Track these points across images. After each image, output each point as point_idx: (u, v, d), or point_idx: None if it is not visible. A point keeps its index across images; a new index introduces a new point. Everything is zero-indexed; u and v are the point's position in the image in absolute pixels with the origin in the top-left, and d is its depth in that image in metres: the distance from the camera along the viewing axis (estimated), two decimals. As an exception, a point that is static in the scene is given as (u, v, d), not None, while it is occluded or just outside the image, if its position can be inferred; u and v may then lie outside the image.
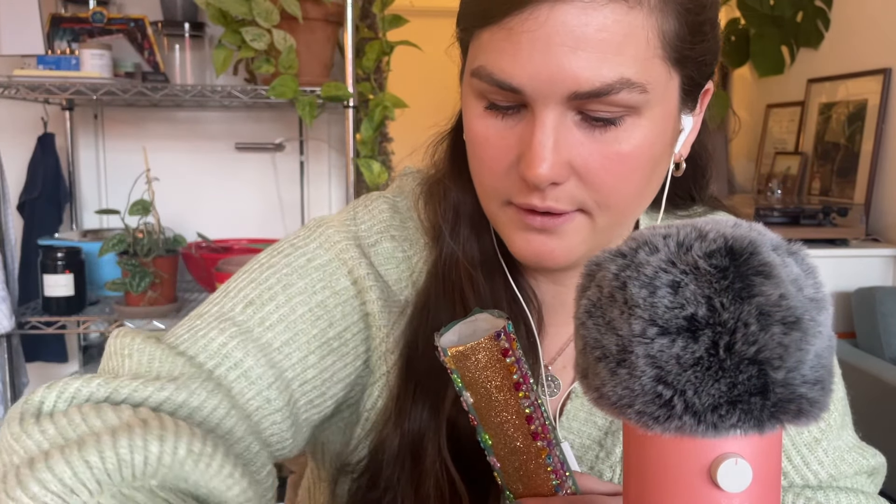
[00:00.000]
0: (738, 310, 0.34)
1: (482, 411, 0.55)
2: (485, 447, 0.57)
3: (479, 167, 0.60)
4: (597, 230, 0.59)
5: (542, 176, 0.54)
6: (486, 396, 0.54)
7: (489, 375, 0.54)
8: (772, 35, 2.85)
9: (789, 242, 0.38)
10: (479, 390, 0.54)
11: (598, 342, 0.37)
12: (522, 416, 0.55)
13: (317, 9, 1.78)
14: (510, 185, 0.57)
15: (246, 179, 2.21)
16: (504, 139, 0.57)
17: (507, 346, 0.53)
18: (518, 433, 0.55)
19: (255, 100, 1.80)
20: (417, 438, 0.63)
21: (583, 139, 0.55)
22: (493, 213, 0.61)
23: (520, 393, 0.55)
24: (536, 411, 0.56)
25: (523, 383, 0.55)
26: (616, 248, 0.38)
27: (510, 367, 0.54)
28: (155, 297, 1.81)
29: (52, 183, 2.07)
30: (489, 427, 0.56)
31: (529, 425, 0.55)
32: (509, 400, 0.54)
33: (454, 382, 0.54)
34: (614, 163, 0.55)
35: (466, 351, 0.53)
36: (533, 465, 0.56)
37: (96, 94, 1.80)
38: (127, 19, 1.97)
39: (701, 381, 0.34)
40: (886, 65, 2.37)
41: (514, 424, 0.55)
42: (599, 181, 0.56)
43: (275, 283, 0.65)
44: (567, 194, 0.56)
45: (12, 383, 1.84)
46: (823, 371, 0.36)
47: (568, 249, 0.58)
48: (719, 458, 0.35)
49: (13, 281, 1.85)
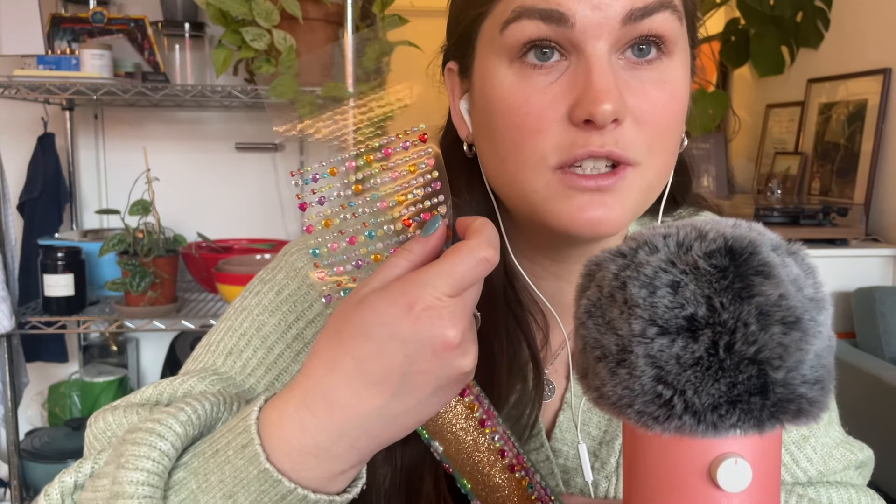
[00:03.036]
0: (737, 310, 0.34)
1: (454, 457, 0.54)
2: (465, 492, 0.56)
3: (516, 134, 0.55)
4: (644, 188, 0.57)
5: (608, 111, 0.51)
6: (455, 441, 0.53)
7: (451, 419, 0.53)
8: (772, 35, 2.85)
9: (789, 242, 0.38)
10: (446, 437, 0.53)
11: (597, 342, 0.37)
12: (495, 452, 0.54)
13: (317, 9, 1.78)
14: (559, 142, 0.54)
15: (246, 179, 2.21)
16: (547, 94, 0.54)
17: (467, 387, 0.53)
18: (494, 470, 0.54)
19: (254, 100, 1.80)
20: (412, 473, 0.60)
21: (631, 81, 0.54)
22: (533, 187, 0.56)
23: (486, 429, 0.54)
24: (507, 443, 0.55)
25: (487, 419, 0.54)
26: (616, 248, 0.39)
27: (471, 406, 0.53)
28: (155, 297, 1.81)
29: (53, 183, 2.07)
30: (464, 471, 0.54)
31: (503, 459, 0.54)
32: (478, 439, 0.54)
33: (420, 434, 0.53)
34: (663, 100, 0.55)
35: None
36: (517, 498, 0.55)
37: (96, 94, 1.80)
38: (127, 19, 1.97)
39: (701, 381, 0.34)
40: (886, 65, 2.37)
41: (488, 462, 0.54)
42: (654, 121, 0.55)
43: (248, 327, 0.65)
44: (625, 139, 0.54)
45: (12, 383, 1.84)
46: (823, 371, 0.36)
47: (620, 212, 0.55)
48: (719, 458, 0.35)
49: (13, 281, 1.85)
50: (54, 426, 2.13)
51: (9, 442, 1.89)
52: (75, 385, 2.13)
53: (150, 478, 0.47)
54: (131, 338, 2.25)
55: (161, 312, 1.83)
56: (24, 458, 1.94)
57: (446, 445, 0.53)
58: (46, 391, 2.18)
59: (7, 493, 1.96)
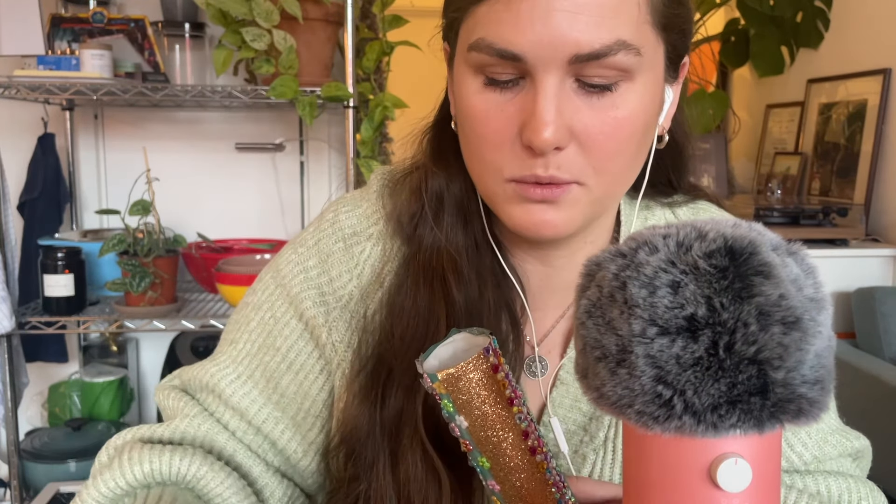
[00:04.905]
0: (737, 310, 0.34)
1: (477, 433, 0.53)
2: (481, 472, 0.55)
3: (478, 144, 0.60)
4: (592, 201, 0.60)
5: (547, 140, 0.55)
6: (482, 417, 0.52)
7: (483, 395, 0.52)
8: (772, 35, 2.85)
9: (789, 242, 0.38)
10: (472, 412, 0.52)
11: (597, 342, 0.37)
12: (519, 432, 0.54)
13: (317, 9, 1.78)
14: (512, 159, 0.58)
15: (246, 179, 2.20)
16: (504, 112, 0.58)
17: (496, 361, 0.52)
18: (516, 450, 0.54)
19: (255, 100, 1.80)
20: (394, 422, 0.64)
21: (581, 105, 0.57)
22: (492, 190, 0.61)
23: (514, 408, 0.53)
24: (531, 425, 0.54)
25: (515, 398, 0.53)
26: (616, 247, 0.39)
27: (502, 383, 0.52)
28: (155, 297, 1.81)
29: (53, 183, 2.07)
30: (485, 449, 0.54)
31: (526, 440, 0.54)
32: (505, 417, 0.53)
33: (444, 408, 0.53)
34: (611, 127, 0.57)
35: (458, 372, 0.51)
36: (534, 481, 0.55)
37: (96, 95, 1.80)
38: (127, 20, 1.97)
39: (701, 381, 0.34)
40: (886, 65, 2.37)
41: (511, 442, 0.54)
42: (598, 146, 0.57)
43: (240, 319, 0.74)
44: (568, 162, 0.57)
45: (12, 383, 1.84)
46: (823, 371, 0.36)
47: (567, 220, 0.60)
48: (719, 458, 0.35)
49: (13, 281, 1.85)
50: (54, 426, 2.13)
51: (9, 442, 1.89)
52: (75, 385, 2.13)
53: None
54: (131, 338, 2.25)
55: (161, 312, 1.83)
56: (24, 458, 1.94)
57: (471, 421, 0.52)
58: (46, 391, 2.18)
59: (7, 493, 1.96)
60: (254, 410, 0.69)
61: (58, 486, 1.87)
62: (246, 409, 0.69)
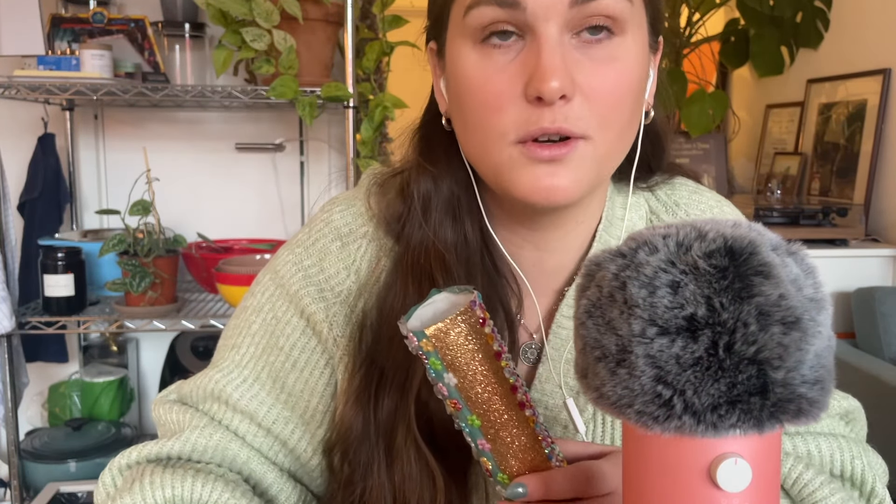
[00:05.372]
0: (737, 310, 0.34)
1: (466, 390, 0.52)
2: (470, 431, 0.54)
3: (481, 110, 0.60)
4: (597, 160, 0.61)
5: (555, 88, 0.56)
6: (471, 373, 0.52)
7: (471, 349, 0.51)
8: (771, 35, 2.85)
9: (789, 242, 0.38)
10: (461, 368, 0.51)
11: (597, 342, 0.37)
12: (508, 387, 0.53)
13: (317, 9, 1.78)
14: (517, 117, 0.59)
15: (246, 179, 2.20)
16: (505, 72, 0.59)
17: (482, 315, 0.51)
18: (506, 405, 0.53)
19: (255, 100, 1.80)
20: (388, 422, 0.65)
21: (581, 59, 0.58)
22: (498, 159, 0.61)
23: (502, 362, 0.52)
24: (518, 380, 0.53)
25: (503, 352, 0.52)
26: (616, 248, 0.39)
27: (489, 337, 0.52)
28: (155, 297, 1.81)
29: (53, 183, 2.07)
30: (475, 406, 0.53)
31: (515, 395, 0.53)
32: (494, 372, 0.52)
33: (431, 367, 0.52)
34: (612, 76, 0.59)
35: (445, 328, 0.50)
36: (525, 436, 0.54)
37: (97, 95, 1.80)
38: (127, 20, 1.97)
39: (700, 381, 0.34)
40: (886, 65, 2.37)
41: (501, 397, 0.53)
42: (601, 96, 0.59)
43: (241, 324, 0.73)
44: (574, 114, 0.58)
45: (12, 383, 1.84)
46: (823, 371, 0.36)
47: (575, 181, 0.60)
48: (719, 458, 0.35)
49: (13, 281, 1.85)
50: (54, 426, 2.13)
51: (9, 442, 1.89)
52: (75, 385, 2.13)
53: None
54: (131, 338, 2.25)
55: (161, 312, 1.83)
56: (24, 458, 1.94)
57: (460, 377, 0.52)
58: (46, 391, 2.18)
59: (7, 493, 1.96)
60: (263, 412, 0.69)
61: (58, 486, 1.87)
62: (255, 411, 0.69)
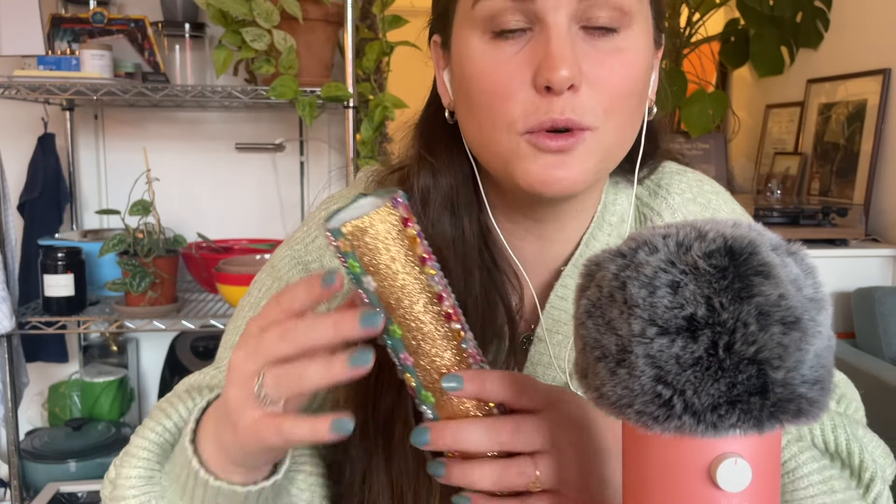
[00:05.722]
0: (737, 310, 0.34)
1: (386, 296, 0.48)
2: (392, 344, 0.51)
3: (489, 101, 0.60)
4: (604, 151, 0.61)
5: (564, 77, 0.56)
6: (391, 276, 0.48)
7: (392, 250, 0.48)
8: (771, 35, 2.85)
9: (789, 242, 0.38)
10: (381, 270, 0.48)
11: (597, 342, 0.37)
12: (433, 294, 0.49)
13: (317, 9, 1.78)
14: (526, 107, 0.59)
15: (246, 179, 2.20)
16: (513, 61, 0.59)
17: (405, 214, 0.48)
18: (430, 315, 0.49)
19: (255, 100, 1.80)
20: (387, 418, 0.64)
21: (589, 50, 0.59)
22: (506, 148, 0.61)
23: (426, 267, 0.49)
24: (446, 290, 0.50)
25: (428, 258, 0.49)
26: (616, 248, 0.39)
27: (413, 239, 0.48)
28: (155, 297, 1.81)
29: (53, 183, 2.07)
30: (396, 315, 0.49)
31: (441, 304, 0.50)
32: (417, 276, 0.49)
33: (350, 271, 0.48)
34: (619, 67, 0.60)
35: (363, 224, 0.47)
36: (451, 351, 0.51)
37: (97, 95, 1.80)
38: (127, 20, 1.97)
39: (700, 381, 0.34)
40: (886, 65, 2.37)
41: (424, 305, 0.49)
42: (609, 86, 0.59)
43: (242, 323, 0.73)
44: (582, 104, 0.58)
45: (12, 383, 1.84)
46: (823, 371, 0.36)
47: (579, 172, 0.60)
48: (719, 458, 0.35)
49: (13, 281, 1.85)
50: (54, 426, 2.13)
51: (9, 442, 1.89)
52: (75, 385, 2.13)
53: (150, 445, 0.60)
54: (131, 338, 2.25)
55: (161, 312, 1.83)
56: (24, 458, 1.94)
57: (380, 281, 0.48)
58: (46, 391, 2.18)
59: (7, 493, 1.96)
60: None
61: (58, 486, 1.87)
62: None
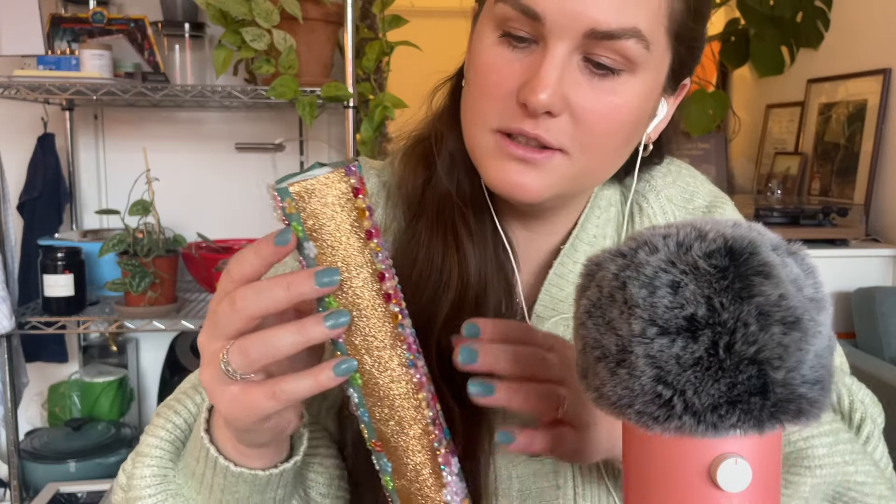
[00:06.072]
0: (737, 310, 0.34)
1: (326, 264, 0.47)
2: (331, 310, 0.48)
3: (477, 93, 0.62)
4: (572, 175, 0.62)
5: (541, 101, 0.57)
6: (333, 245, 0.47)
7: (338, 218, 0.46)
8: (772, 35, 2.85)
9: (789, 242, 0.38)
10: (324, 237, 0.46)
11: (597, 342, 0.37)
12: (375, 271, 0.48)
13: (317, 9, 1.78)
14: (504, 111, 0.60)
15: (246, 179, 2.20)
16: (509, 67, 0.60)
17: (357, 185, 0.47)
18: (368, 291, 0.48)
19: (255, 100, 1.80)
20: None
21: (582, 81, 0.59)
22: (477, 140, 0.63)
23: (372, 243, 0.48)
24: (389, 271, 0.49)
25: (375, 234, 0.48)
26: (616, 247, 0.39)
27: (361, 211, 0.47)
28: (155, 297, 1.81)
29: (52, 183, 2.07)
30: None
31: (382, 283, 0.48)
32: (360, 249, 0.47)
33: (294, 232, 0.47)
34: (606, 110, 0.59)
35: (311, 186, 0.46)
36: (384, 333, 0.49)
37: (96, 95, 1.80)
38: (127, 20, 1.97)
39: (701, 381, 0.34)
40: (886, 65, 2.37)
41: (364, 280, 0.47)
42: (590, 124, 0.59)
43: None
44: (556, 128, 0.59)
45: (12, 383, 1.84)
46: (823, 371, 0.36)
47: (542, 186, 0.61)
48: (719, 458, 0.35)
49: (13, 281, 1.85)
50: (54, 426, 2.13)
51: (9, 442, 1.89)
52: (75, 385, 2.13)
53: (162, 443, 0.60)
54: (131, 338, 2.25)
55: (161, 312, 1.83)
56: (24, 458, 1.94)
57: (321, 247, 0.47)
58: (46, 391, 2.18)
59: (7, 493, 1.96)
60: None
61: (58, 486, 1.87)
62: None
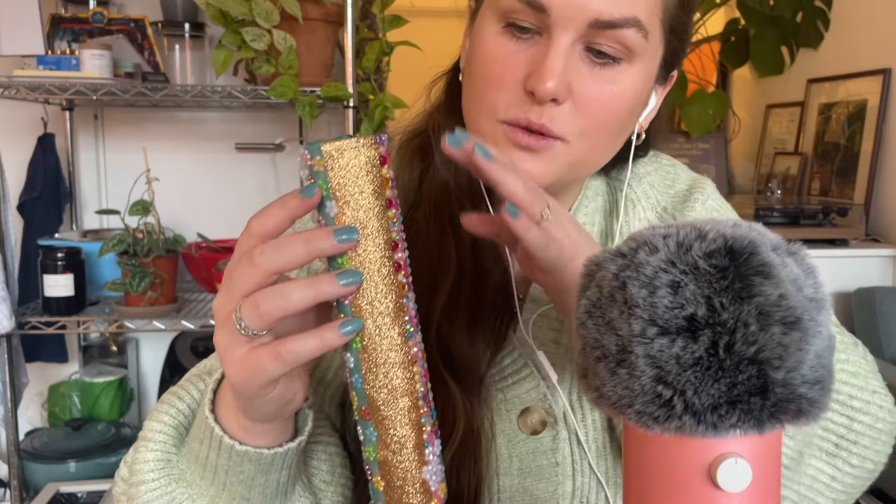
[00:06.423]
0: (737, 310, 0.34)
1: (343, 223, 0.49)
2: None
3: (482, 84, 0.64)
4: (570, 163, 0.65)
5: (549, 89, 0.60)
6: (354, 206, 0.48)
7: (361, 182, 0.48)
8: (772, 35, 2.84)
9: (789, 242, 0.38)
10: (346, 197, 0.48)
11: (597, 342, 0.37)
12: (389, 240, 0.49)
13: (317, 9, 1.78)
14: (510, 101, 0.63)
15: (246, 179, 2.20)
16: (513, 59, 0.63)
17: (384, 154, 0.49)
18: (381, 257, 0.49)
19: (255, 100, 1.80)
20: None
21: (584, 70, 0.62)
22: (483, 131, 0.65)
23: (390, 212, 0.49)
24: (402, 242, 0.50)
25: (394, 205, 0.50)
26: (616, 247, 0.39)
27: (385, 180, 0.49)
28: (155, 297, 1.81)
29: (52, 183, 2.07)
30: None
31: (394, 252, 0.50)
32: (378, 215, 0.49)
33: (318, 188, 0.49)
34: (606, 97, 0.63)
35: (342, 148, 0.48)
36: (390, 301, 0.50)
37: (96, 95, 1.80)
38: (127, 20, 1.97)
39: (701, 381, 0.34)
40: (886, 65, 2.36)
41: (378, 245, 0.49)
42: (590, 111, 0.63)
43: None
44: (560, 117, 0.62)
45: (12, 383, 1.84)
46: (823, 371, 0.36)
47: (543, 173, 0.64)
48: (719, 458, 0.35)
49: (13, 281, 1.85)
50: (54, 426, 2.13)
51: (9, 442, 1.89)
52: (75, 385, 2.13)
53: (166, 427, 0.61)
54: (131, 338, 2.25)
55: (161, 312, 1.83)
56: (24, 458, 1.94)
57: (342, 207, 0.49)
58: (46, 391, 2.18)
59: (7, 493, 1.96)
60: None
61: (57, 486, 1.87)
62: None
